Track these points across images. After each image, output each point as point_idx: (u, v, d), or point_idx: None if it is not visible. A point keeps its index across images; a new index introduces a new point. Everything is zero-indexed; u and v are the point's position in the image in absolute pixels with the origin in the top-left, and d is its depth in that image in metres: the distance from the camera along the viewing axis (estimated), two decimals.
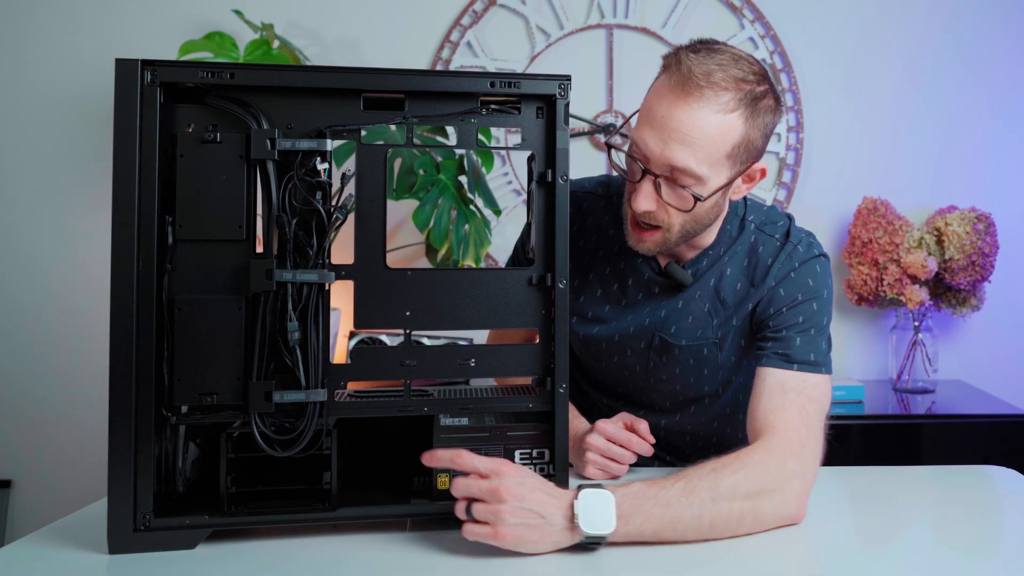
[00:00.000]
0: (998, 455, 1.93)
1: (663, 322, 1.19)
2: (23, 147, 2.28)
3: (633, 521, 0.89)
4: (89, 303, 2.27)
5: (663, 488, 0.91)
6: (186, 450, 0.95)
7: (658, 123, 1.02)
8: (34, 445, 2.30)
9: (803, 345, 1.09)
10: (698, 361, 1.20)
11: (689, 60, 1.01)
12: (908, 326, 2.25)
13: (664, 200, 1.05)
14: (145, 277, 0.88)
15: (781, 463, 0.97)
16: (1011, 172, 2.39)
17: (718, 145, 1.02)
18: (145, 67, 0.88)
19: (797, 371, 1.07)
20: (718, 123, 1.01)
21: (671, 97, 1.01)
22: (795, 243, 1.16)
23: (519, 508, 0.87)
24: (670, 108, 1.01)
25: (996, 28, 2.36)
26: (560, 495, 0.90)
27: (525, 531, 0.87)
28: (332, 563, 0.87)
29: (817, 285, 1.13)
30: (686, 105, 1.00)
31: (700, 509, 0.91)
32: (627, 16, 2.32)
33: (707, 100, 1.00)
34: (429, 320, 0.96)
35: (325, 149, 0.91)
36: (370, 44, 2.31)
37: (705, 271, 1.18)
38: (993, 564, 0.90)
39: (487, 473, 0.89)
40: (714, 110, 1.01)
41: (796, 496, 0.97)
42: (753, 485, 0.94)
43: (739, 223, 1.19)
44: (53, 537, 0.94)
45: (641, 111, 1.07)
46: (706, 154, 1.02)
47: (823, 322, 1.12)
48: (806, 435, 1.01)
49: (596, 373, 1.31)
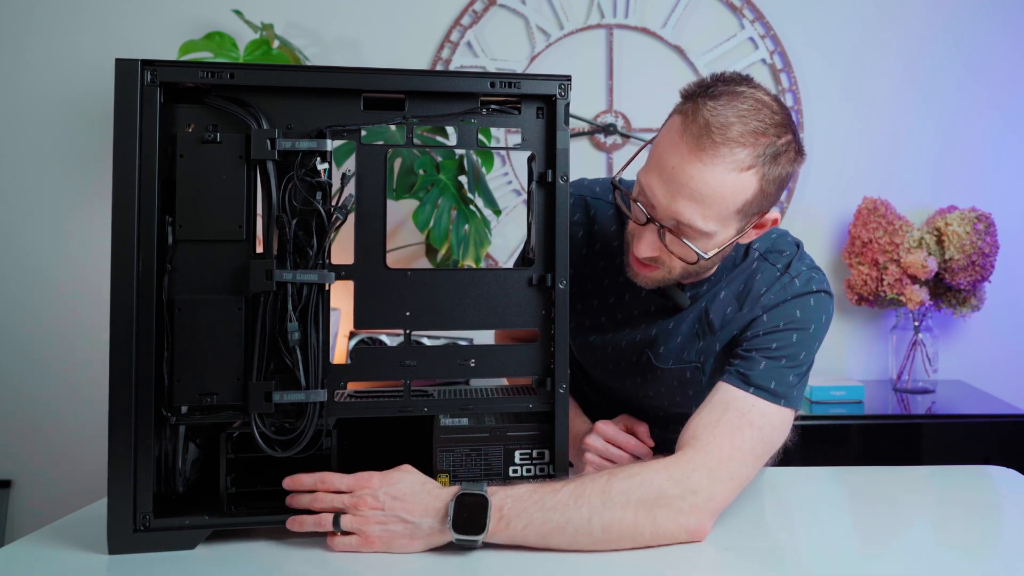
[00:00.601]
0: (998, 455, 1.94)
1: (652, 341, 1.16)
2: (23, 147, 2.28)
3: (515, 524, 0.87)
4: (89, 303, 2.27)
5: (552, 491, 0.89)
6: (186, 450, 0.95)
7: (668, 174, 0.96)
8: (34, 445, 2.30)
9: (767, 370, 1.02)
10: (682, 383, 1.17)
11: (707, 110, 0.94)
12: (908, 326, 2.25)
13: (668, 249, 1.00)
14: (145, 277, 0.88)
15: (686, 474, 0.92)
16: (1011, 172, 2.39)
17: (729, 203, 0.96)
18: (145, 67, 0.88)
19: (751, 394, 1.01)
20: (732, 182, 0.95)
21: (684, 150, 0.95)
22: (793, 276, 1.09)
23: (382, 516, 0.88)
24: (682, 162, 0.95)
25: (996, 28, 2.36)
26: (437, 496, 0.89)
27: (392, 536, 0.88)
28: (332, 563, 0.87)
29: (805, 318, 1.06)
30: (699, 162, 0.94)
31: (590, 513, 0.88)
32: (627, 16, 2.32)
33: (722, 158, 0.94)
34: (429, 320, 0.96)
35: (325, 149, 0.91)
36: (370, 44, 2.31)
37: (703, 295, 1.14)
38: (993, 564, 0.90)
39: (349, 490, 0.90)
40: (728, 168, 0.94)
41: (697, 509, 0.91)
42: (648, 491, 0.90)
43: (744, 250, 1.13)
44: (53, 537, 0.94)
45: (652, 154, 1.01)
46: (715, 212, 0.96)
47: (799, 356, 1.05)
48: (729, 455, 0.95)
49: (593, 379, 1.30)
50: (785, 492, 1.11)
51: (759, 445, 0.99)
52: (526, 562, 0.87)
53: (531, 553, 0.89)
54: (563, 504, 0.88)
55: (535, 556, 0.88)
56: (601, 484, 0.90)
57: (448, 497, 0.89)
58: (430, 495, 0.90)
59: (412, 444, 1.01)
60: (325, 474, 0.91)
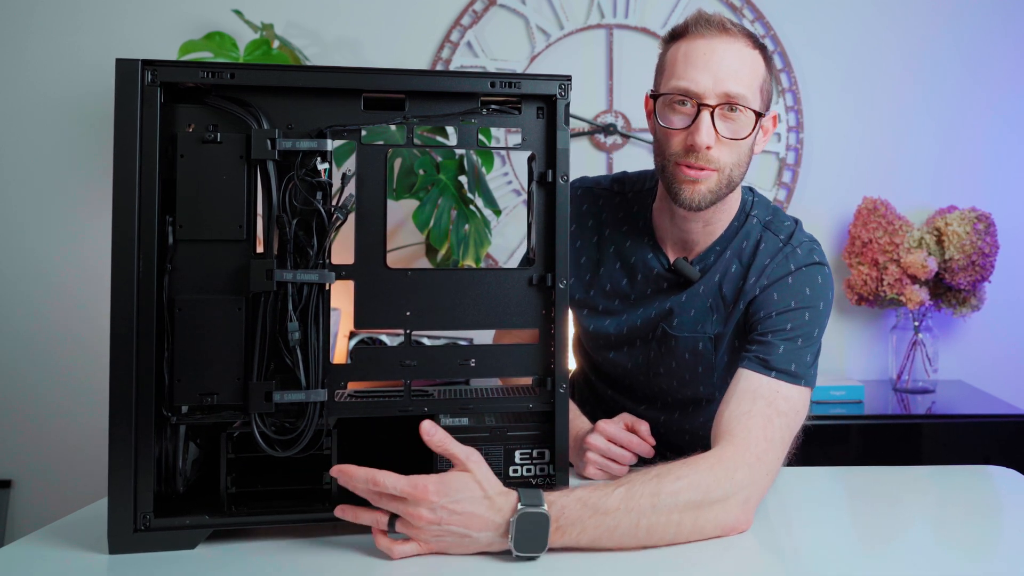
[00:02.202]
0: (998, 455, 1.93)
1: (667, 314, 1.21)
2: (23, 147, 2.28)
3: (569, 533, 0.87)
4: (89, 303, 2.27)
5: (604, 495, 0.89)
6: (186, 450, 0.95)
7: (703, 60, 1.08)
8: (34, 445, 2.30)
9: (786, 353, 1.07)
10: (694, 355, 1.20)
11: (699, 18, 1.11)
12: (908, 326, 2.25)
13: (721, 134, 1.09)
14: (145, 277, 0.88)
15: (730, 473, 0.95)
16: (1011, 172, 2.39)
17: (755, 76, 1.10)
18: (145, 67, 0.88)
19: (773, 379, 1.05)
20: (750, 56, 1.10)
21: (707, 37, 1.09)
22: (795, 246, 1.16)
23: (438, 530, 0.86)
24: (709, 45, 1.09)
25: (996, 28, 2.36)
26: (498, 510, 0.87)
27: (448, 546, 0.87)
28: (332, 563, 0.87)
29: (814, 295, 1.12)
30: (724, 40, 1.09)
31: (638, 518, 0.89)
32: (627, 16, 2.32)
33: (735, 37, 1.10)
34: (429, 320, 0.96)
35: (325, 149, 0.91)
36: (370, 44, 2.31)
37: (711, 267, 1.19)
38: (993, 564, 0.90)
39: (403, 495, 0.86)
40: (745, 43, 1.10)
41: (739, 506, 0.94)
42: (696, 494, 0.91)
43: (744, 218, 1.20)
44: (53, 537, 0.94)
45: (669, 71, 1.12)
46: (748, 82, 1.09)
47: (813, 333, 1.11)
48: (765, 448, 0.99)
49: (603, 365, 1.32)
50: (785, 492, 1.11)
51: (787, 433, 1.04)
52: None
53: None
54: (614, 509, 0.89)
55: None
56: (652, 488, 0.91)
57: (509, 512, 0.87)
58: (490, 509, 0.87)
59: (412, 444, 1.01)
60: (378, 475, 0.87)
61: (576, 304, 1.29)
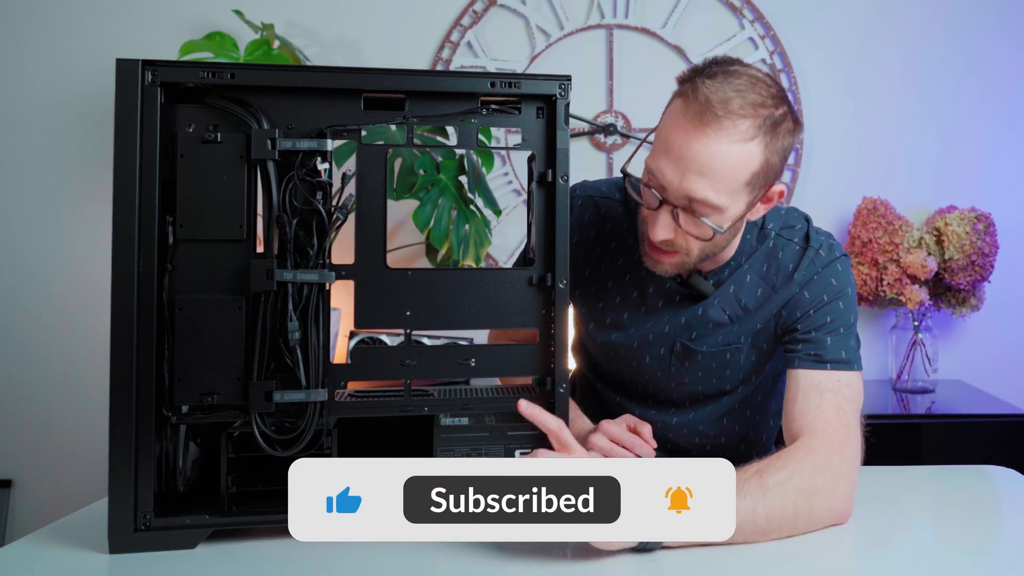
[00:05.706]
0: (998, 455, 1.93)
1: (685, 328, 1.19)
2: (23, 147, 2.28)
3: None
4: (89, 303, 2.27)
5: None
6: (187, 450, 0.95)
7: (675, 154, 0.99)
8: (34, 445, 2.30)
9: (834, 344, 1.09)
10: (721, 364, 1.20)
11: (706, 88, 0.98)
12: (908, 326, 2.25)
13: (683, 229, 1.03)
14: (145, 277, 0.88)
15: (827, 460, 0.97)
16: (1011, 172, 2.39)
17: (737, 175, 0.99)
18: (146, 67, 0.88)
19: (831, 370, 1.07)
20: (737, 153, 0.98)
21: (688, 127, 0.98)
22: (816, 247, 1.15)
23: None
24: (687, 139, 0.98)
25: (996, 28, 2.36)
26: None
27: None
28: (332, 563, 0.87)
29: (841, 284, 1.13)
30: (704, 136, 0.97)
31: (753, 504, 0.90)
32: (627, 16, 2.32)
33: (725, 130, 0.97)
34: (429, 320, 0.96)
35: (325, 149, 0.91)
36: (370, 44, 2.31)
37: (726, 280, 1.17)
38: (993, 564, 0.90)
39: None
40: (732, 140, 0.98)
41: (846, 494, 0.97)
42: (802, 482, 0.93)
43: (758, 232, 1.17)
44: (53, 537, 0.94)
45: (657, 139, 1.04)
46: (725, 185, 0.99)
47: (850, 319, 1.13)
48: (846, 434, 1.01)
49: (612, 375, 1.31)
50: None
51: (856, 413, 1.06)
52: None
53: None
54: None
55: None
56: (756, 480, 0.92)
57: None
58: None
59: (412, 444, 1.01)
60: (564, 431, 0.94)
61: (582, 317, 1.28)
